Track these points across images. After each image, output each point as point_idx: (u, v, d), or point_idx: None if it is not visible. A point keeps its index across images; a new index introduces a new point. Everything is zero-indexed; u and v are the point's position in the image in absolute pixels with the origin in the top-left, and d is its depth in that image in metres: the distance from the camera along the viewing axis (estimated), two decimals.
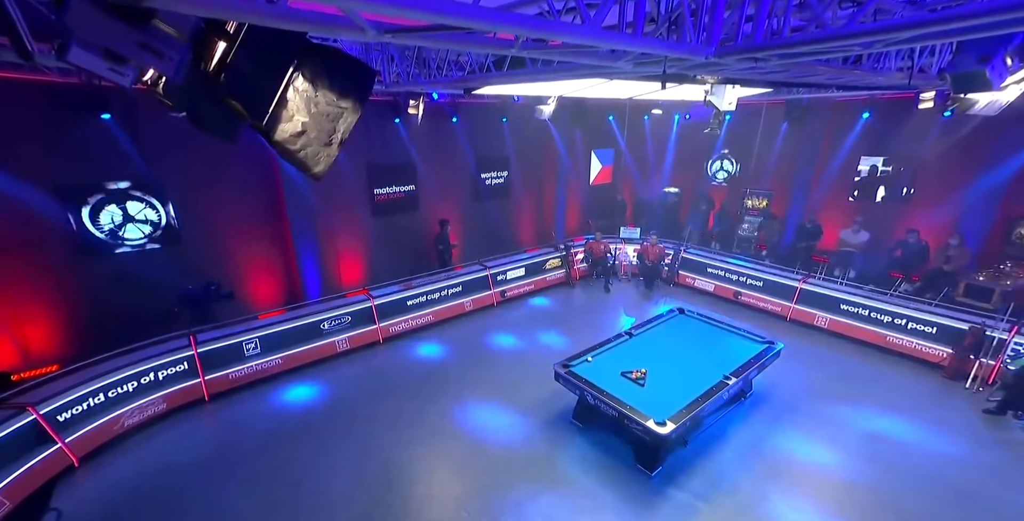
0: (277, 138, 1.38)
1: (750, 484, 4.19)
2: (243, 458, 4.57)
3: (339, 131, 1.53)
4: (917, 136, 7.90)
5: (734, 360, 5.05)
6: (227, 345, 5.60)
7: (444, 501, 4.05)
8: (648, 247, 9.07)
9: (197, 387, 5.39)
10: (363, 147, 7.84)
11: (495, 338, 7.22)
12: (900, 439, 4.77)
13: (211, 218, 6.51)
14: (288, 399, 5.58)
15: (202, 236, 6.51)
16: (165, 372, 5.15)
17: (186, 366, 5.30)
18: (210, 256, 6.63)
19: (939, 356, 6.07)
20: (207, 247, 6.59)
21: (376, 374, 6.18)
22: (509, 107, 9.24)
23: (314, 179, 1.59)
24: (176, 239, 6.26)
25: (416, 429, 4.98)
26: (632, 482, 4.23)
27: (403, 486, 4.21)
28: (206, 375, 5.42)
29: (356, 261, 8.40)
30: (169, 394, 5.18)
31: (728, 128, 10.71)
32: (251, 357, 5.79)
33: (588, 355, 5.20)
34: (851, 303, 6.96)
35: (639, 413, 4.13)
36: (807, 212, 9.17)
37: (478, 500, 4.05)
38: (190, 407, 5.32)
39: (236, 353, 5.68)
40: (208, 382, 5.45)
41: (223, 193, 6.56)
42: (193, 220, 6.37)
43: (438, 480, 4.29)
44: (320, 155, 1.51)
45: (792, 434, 4.86)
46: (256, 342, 5.83)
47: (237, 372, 5.67)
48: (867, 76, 3.16)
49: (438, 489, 4.19)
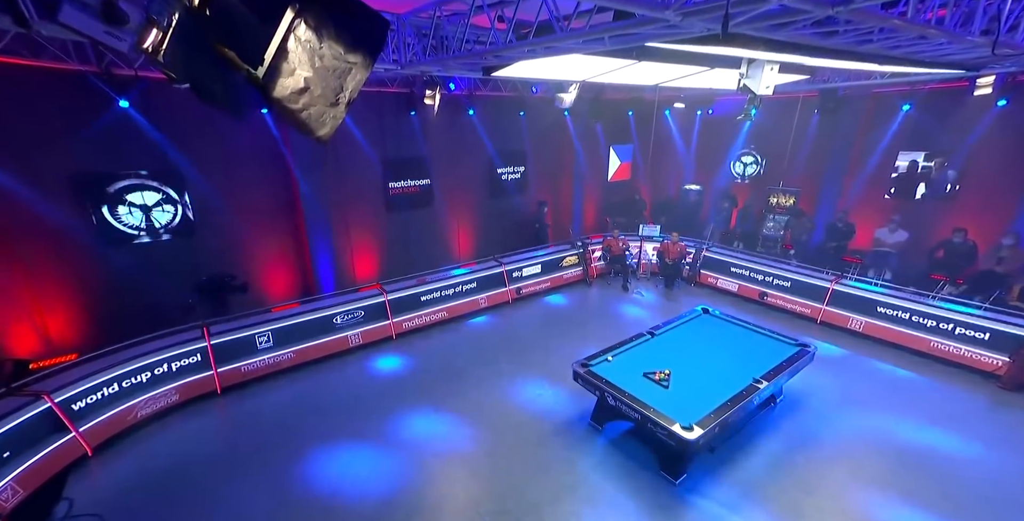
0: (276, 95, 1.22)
1: (783, 496, 3.88)
2: (254, 452, 4.49)
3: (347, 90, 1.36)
4: (965, 128, 7.37)
5: (765, 363, 4.74)
6: (240, 338, 5.54)
7: (459, 502, 3.87)
8: (669, 245, 8.74)
9: (210, 379, 5.35)
10: (378, 140, 7.76)
11: (510, 336, 7.02)
12: (952, 455, 4.37)
13: (226, 210, 6.50)
14: (300, 393, 5.50)
15: (217, 228, 6.50)
16: (178, 363, 5.12)
17: (199, 358, 5.26)
18: (225, 248, 6.63)
19: (993, 365, 5.60)
20: (222, 239, 6.59)
21: (388, 370, 6.06)
22: (527, 100, 9.05)
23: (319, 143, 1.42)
24: (191, 230, 6.28)
25: (430, 428, 4.82)
26: (656, 489, 3.98)
27: (418, 486, 4.05)
28: (219, 367, 5.37)
29: (370, 255, 8.33)
30: (182, 386, 5.15)
31: (753, 123, 10.31)
32: (263, 350, 5.74)
33: (608, 354, 4.96)
34: (889, 305, 6.51)
35: (664, 416, 3.87)
36: (839, 210, 8.70)
37: (493, 502, 3.86)
38: (202, 399, 5.28)
39: (249, 346, 5.62)
40: (221, 374, 5.40)
41: (238, 185, 6.56)
42: (208, 211, 6.37)
43: (452, 480, 4.11)
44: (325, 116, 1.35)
45: (828, 445, 4.51)
46: (269, 335, 5.77)
47: (249, 365, 5.62)
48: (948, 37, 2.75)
49: (452, 489, 4.01)
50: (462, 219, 9.42)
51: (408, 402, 5.29)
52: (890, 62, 3.10)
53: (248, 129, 6.40)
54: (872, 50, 2.82)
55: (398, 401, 5.31)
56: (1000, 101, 6.86)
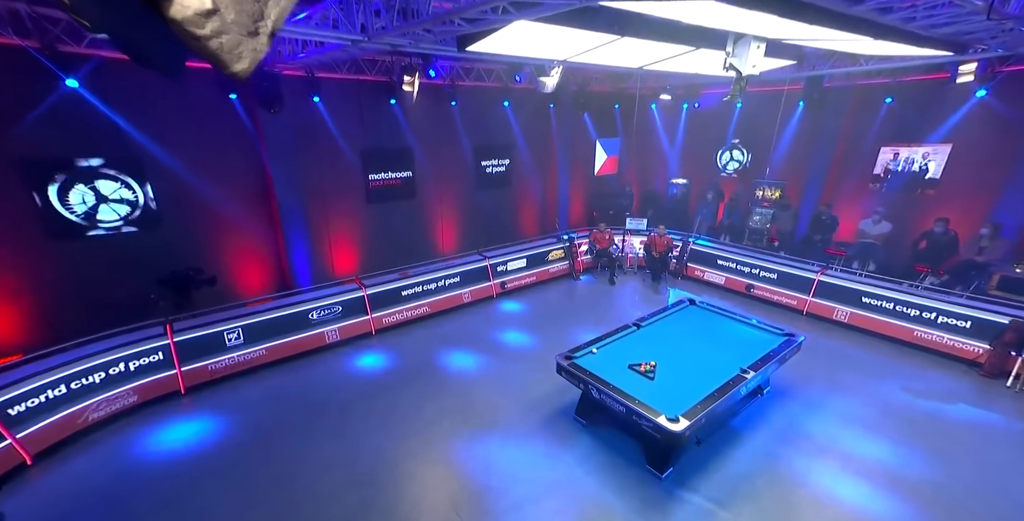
0: (174, 15, 1.01)
1: (773, 489, 3.78)
2: (221, 455, 4.21)
3: (268, 18, 1.15)
4: (946, 120, 7.43)
5: (752, 353, 4.64)
6: (207, 334, 5.25)
7: (436, 502, 3.67)
8: (655, 238, 8.65)
9: (172, 379, 5.04)
10: (357, 130, 7.49)
11: (494, 331, 6.84)
12: (938, 442, 4.33)
13: (194, 200, 6.17)
14: (272, 392, 5.22)
15: (184, 219, 6.17)
16: (137, 362, 4.80)
17: (161, 356, 4.95)
18: (193, 240, 6.29)
19: (974, 352, 5.61)
20: (190, 231, 6.25)
21: (367, 367, 5.82)
22: (512, 91, 8.87)
23: (237, 80, 1.21)
24: (156, 222, 5.93)
25: (408, 425, 4.61)
26: (641, 485, 3.83)
27: (393, 486, 3.84)
28: (183, 366, 5.06)
29: (350, 249, 8.05)
30: (141, 386, 4.83)
31: (739, 117, 10.31)
32: (233, 347, 5.44)
33: (593, 347, 4.81)
34: (874, 296, 6.51)
35: (649, 408, 3.73)
36: (822, 203, 8.71)
37: (473, 502, 3.67)
38: (165, 400, 4.98)
39: (217, 343, 5.32)
40: (185, 373, 5.10)
41: (207, 174, 6.23)
42: (174, 202, 6.04)
43: (430, 480, 3.91)
44: (242, 48, 1.14)
45: (815, 435, 4.44)
46: (239, 332, 5.47)
47: (217, 363, 5.32)
48: None
49: (430, 490, 3.81)
50: (446, 212, 9.20)
51: (386, 399, 5.06)
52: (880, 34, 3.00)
53: (215, 114, 6.08)
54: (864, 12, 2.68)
55: (376, 398, 5.08)
56: (979, 92, 6.91)
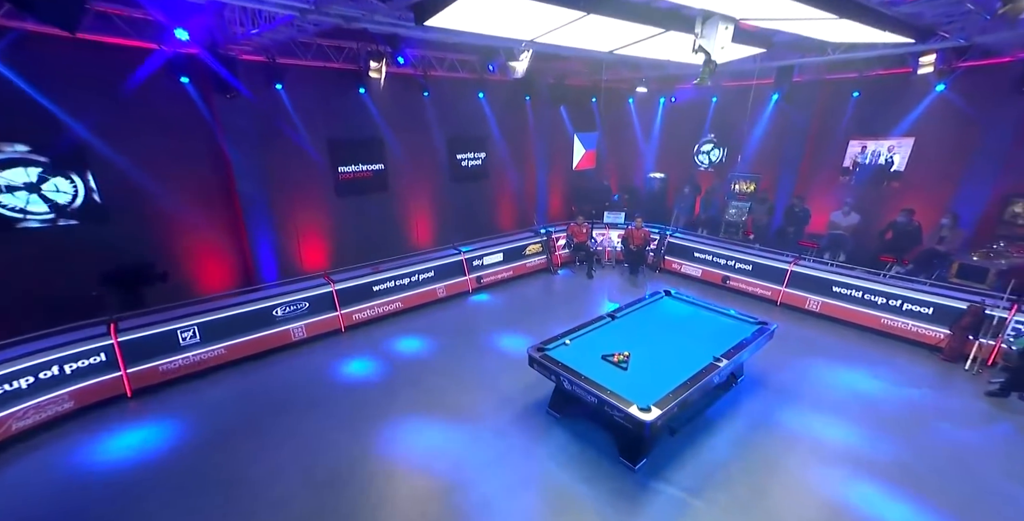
0: None
1: (746, 477, 3.74)
2: (168, 461, 3.93)
3: None
4: (909, 114, 7.64)
5: (725, 342, 4.62)
6: (157, 333, 4.92)
7: (401, 503, 3.49)
8: (633, 231, 8.64)
9: (117, 381, 4.69)
10: (324, 120, 7.20)
11: (468, 326, 6.67)
12: (902, 426, 4.39)
13: (145, 192, 5.76)
14: (230, 393, 4.93)
15: (134, 212, 5.75)
16: (75, 365, 4.43)
17: (103, 358, 4.60)
18: (144, 235, 5.88)
19: (936, 338, 5.76)
20: (140, 224, 5.84)
21: (335, 364, 5.57)
22: (486, 83, 8.70)
23: None
24: (101, 215, 5.51)
25: (374, 422, 4.41)
26: (614, 476, 3.74)
27: (354, 488, 3.64)
28: (129, 367, 4.73)
29: (319, 244, 7.75)
30: (78, 390, 4.46)
31: (715, 111, 10.43)
32: (188, 347, 5.12)
33: (566, 338, 4.70)
34: (844, 285, 6.62)
35: (620, 398, 3.64)
36: (794, 195, 8.87)
37: (440, 502, 3.51)
38: (107, 405, 4.62)
39: (169, 342, 5.00)
40: (131, 375, 4.76)
41: (160, 164, 5.84)
42: (122, 193, 5.62)
43: (396, 480, 3.73)
44: None
45: (788, 422, 4.45)
46: (194, 330, 5.15)
47: (170, 364, 5.00)
48: None
49: (395, 490, 3.62)
50: (421, 206, 8.97)
51: (352, 398, 4.84)
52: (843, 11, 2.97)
53: (166, 99, 5.68)
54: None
55: (341, 397, 4.86)
56: (939, 86, 7.12)
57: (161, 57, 5.13)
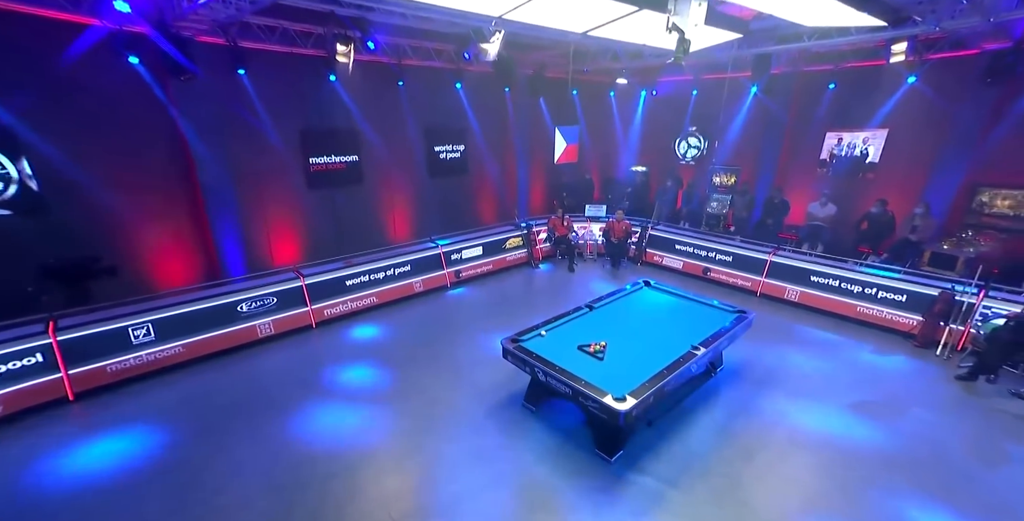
0: None
1: (724, 466, 3.67)
2: (117, 467, 3.64)
3: None
4: (882, 106, 7.73)
5: (703, 331, 4.54)
6: (105, 331, 4.59)
7: (366, 504, 3.30)
8: (614, 224, 8.57)
9: (56, 384, 4.35)
10: (294, 109, 6.91)
11: (446, 321, 6.49)
12: (877, 411, 4.39)
13: (92, 181, 5.38)
14: (186, 394, 4.64)
15: (79, 202, 5.35)
16: (2, 367, 4.06)
17: (40, 358, 4.25)
18: (91, 227, 5.49)
19: (909, 324, 5.81)
20: (87, 216, 5.44)
21: (303, 361, 5.33)
22: (464, 74, 8.51)
23: None
24: (38, 204, 5.09)
25: (341, 420, 4.20)
26: (590, 469, 3.62)
27: (316, 489, 3.43)
28: (71, 368, 4.39)
29: (291, 238, 7.45)
30: (9, 394, 4.11)
31: (695, 104, 10.43)
32: (141, 345, 4.81)
33: (542, 329, 4.57)
34: (821, 274, 6.65)
35: (595, 388, 3.52)
36: (773, 187, 8.92)
37: (407, 501, 3.33)
38: (45, 409, 4.28)
39: (119, 341, 4.68)
40: (73, 377, 4.42)
41: (110, 152, 5.47)
42: (64, 182, 5.22)
43: (361, 480, 3.53)
44: None
45: (766, 410, 4.40)
46: (148, 327, 4.85)
47: (120, 363, 4.69)
48: None
49: (360, 490, 3.43)
50: (398, 200, 8.74)
51: (319, 395, 4.62)
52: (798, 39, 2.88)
53: (115, 82, 5.30)
54: None
55: (307, 395, 4.63)
56: (910, 78, 7.23)
57: (101, 32, 4.77)
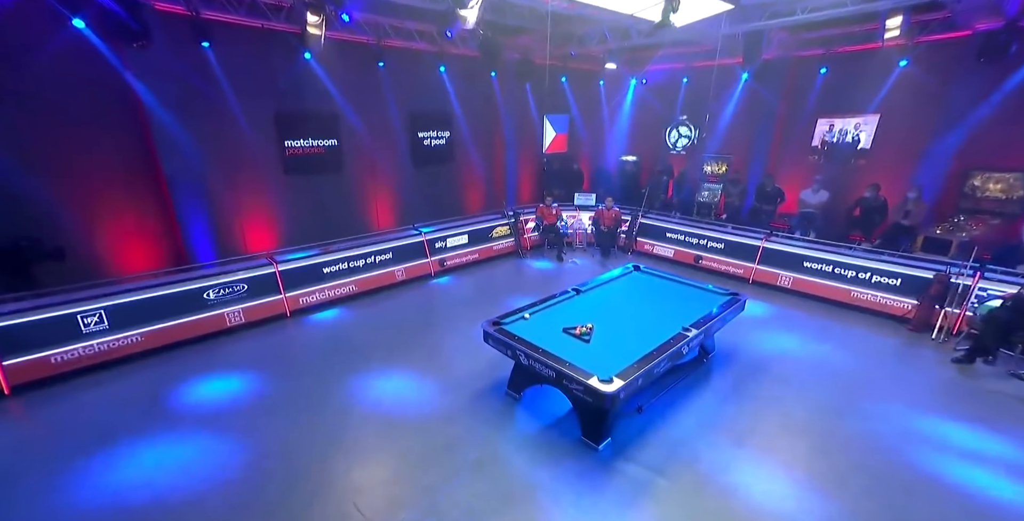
0: None
1: (712, 453, 3.46)
2: (63, 469, 3.32)
3: None
4: (874, 90, 7.61)
5: (694, 313, 4.34)
6: (48, 318, 4.23)
7: (333, 497, 3.03)
8: (603, 212, 8.36)
9: None
10: (266, 88, 6.56)
11: (427, 309, 6.22)
12: (872, 397, 4.22)
13: (33, 156, 4.94)
14: (141, 385, 4.31)
15: (15, 181, 4.82)
16: None
17: None
18: (33, 207, 4.97)
19: (904, 308, 5.67)
20: (26, 195, 4.90)
21: (275, 351, 5.02)
22: (447, 56, 8.22)
23: None
24: None
25: (315, 412, 3.91)
26: (576, 457, 3.39)
27: (283, 483, 3.15)
28: (6, 359, 4.04)
29: (266, 224, 7.10)
30: None
31: (686, 92, 10.25)
32: (92, 334, 4.46)
33: (525, 312, 4.33)
34: (814, 259, 6.50)
35: (580, 371, 3.28)
36: (765, 174, 8.77)
37: (376, 494, 3.07)
38: None
39: (65, 329, 4.32)
40: (9, 369, 4.07)
41: (53, 125, 5.02)
42: (6, 160, 4.76)
43: (331, 472, 3.25)
44: None
45: (757, 396, 4.20)
46: (100, 315, 4.50)
47: (67, 354, 4.33)
48: None
49: (329, 483, 3.15)
50: (380, 187, 8.42)
51: (300, 383, 4.33)
52: None
53: (58, 47, 4.85)
54: None
55: (286, 383, 4.34)
56: (902, 62, 7.10)
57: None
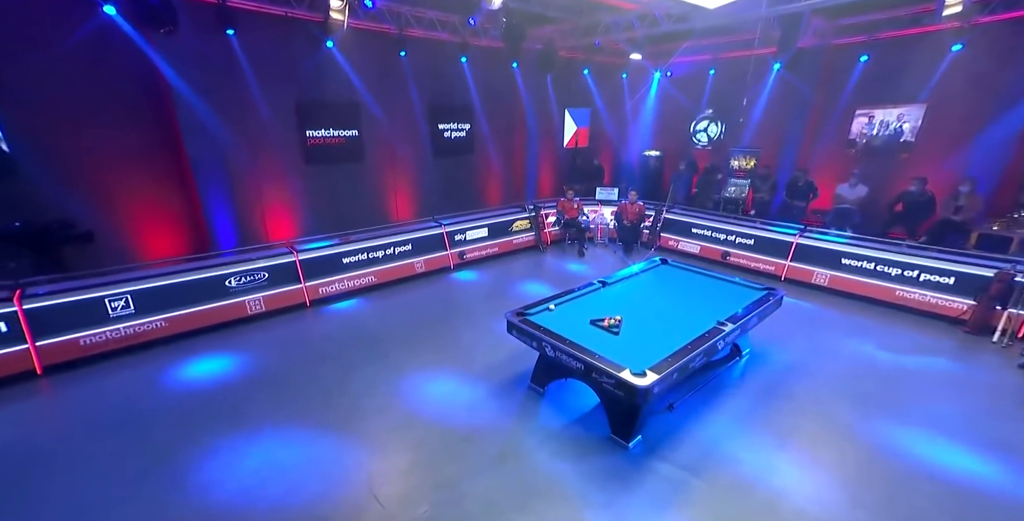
0: None
1: (752, 454, 3.21)
2: (100, 450, 3.30)
3: None
4: (921, 78, 7.15)
5: (729, 307, 4.08)
6: (78, 301, 4.27)
7: (352, 488, 2.92)
8: (627, 206, 8.11)
9: (22, 356, 4.04)
10: (288, 77, 6.57)
11: (447, 302, 6.10)
12: (930, 400, 3.88)
13: (68, 143, 5.06)
14: (172, 370, 4.31)
15: (53, 165, 5.00)
16: None
17: (4, 328, 3.95)
18: (66, 193, 5.10)
19: (959, 309, 5.25)
20: (61, 180, 5.06)
21: (295, 341, 4.98)
22: (470, 47, 8.11)
23: None
24: (6, 165, 4.73)
25: (332, 404, 3.83)
26: (604, 455, 3.19)
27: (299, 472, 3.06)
28: (38, 340, 4.08)
29: (287, 214, 7.12)
30: None
31: (713, 84, 9.90)
32: (119, 318, 4.49)
33: (550, 303, 4.15)
34: (854, 256, 6.11)
35: (611, 363, 3.09)
36: (798, 168, 8.35)
37: (396, 485, 2.94)
38: (9, 383, 3.97)
39: (94, 312, 4.36)
40: (42, 349, 4.11)
41: (86, 112, 5.13)
42: (37, 143, 4.89)
43: (346, 465, 3.14)
44: None
45: (797, 398, 3.91)
46: (127, 299, 4.52)
47: (95, 336, 4.36)
48: None
49: (345, 475, 3.05)
50: (400, 179, 8.37)
51: (318, 374, 4.26)
52: None
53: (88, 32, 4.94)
54: None
55: (304, 374, 4.27)
56: (955, 46, 6.63)
57: None
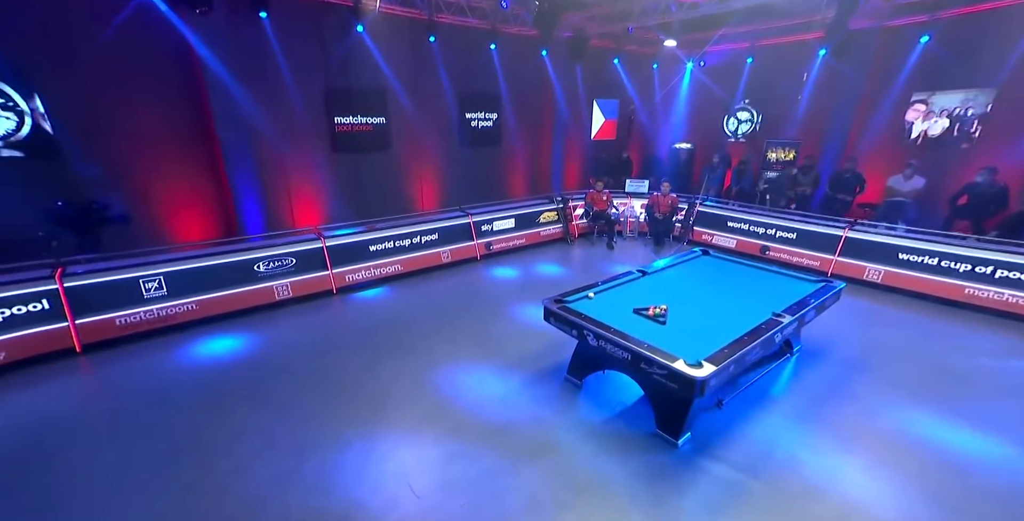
0: None
1: (816, 457, 2.91)
2: (134, 428, 3.27)
3: None
4: (994, 59, 6.56)
5: (783, 299, 3.76)
6: (115, 281, 4.29)
7: (386, 478, 2.77)
8: (659, 198, 7.77)
9: (63, 333, 4.07)
10: (318, 62, 6.53)
11: (475, 292, 5.93)
12: (1012, 406, 3.47)
13: (107, 125, 5.14)
14: (202, 353, 4.28)
15: (92, 147, 5.09)
16: (7, 311, 3.81)
17: (46, 305, 3.98)
18: (105, 175, 5.22)
19: None
20: (99, 161, 5.17)
21: (324, 327, 4.90)
22: (499, 34, 7.93)
23: None
24: (50, 147, 4.83)
25: (361, 392, 3.70)
26: (652, 451, 2.95)
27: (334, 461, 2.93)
28: (78, 318, 4.11)
29: (314, 200, 7.10)
30: (13, 340, 3.85)
31: (750, 73, 9.44)
32: (152, 299, 4.49)
33: (589, 291, 3.92)
34: (914, 251, 5.64)
35: (662, 353, 2.84)
36: (846, 159, 7.83)
37: (431, 475, 2.77)
38: (49, 360, 4.01)
39: (129, 293, 4.37)
40: (81, 328, 4.14)
41: (125, 94, 5.21)
42: (79, 125, 4.98)
43: (380, 454, 3.00)
44: None
45: (859, 399, 3.56)
46: (160, 280, 4.52)
47: (130, 317, 4.38)
48: None
49: (379, 464, 2.90)
50: (426, 168, 8.27)
51: (347, 360, 4.16)
52: None
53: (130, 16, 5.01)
54: None
55: (332, 360, 4.18)
56: None
57: None
